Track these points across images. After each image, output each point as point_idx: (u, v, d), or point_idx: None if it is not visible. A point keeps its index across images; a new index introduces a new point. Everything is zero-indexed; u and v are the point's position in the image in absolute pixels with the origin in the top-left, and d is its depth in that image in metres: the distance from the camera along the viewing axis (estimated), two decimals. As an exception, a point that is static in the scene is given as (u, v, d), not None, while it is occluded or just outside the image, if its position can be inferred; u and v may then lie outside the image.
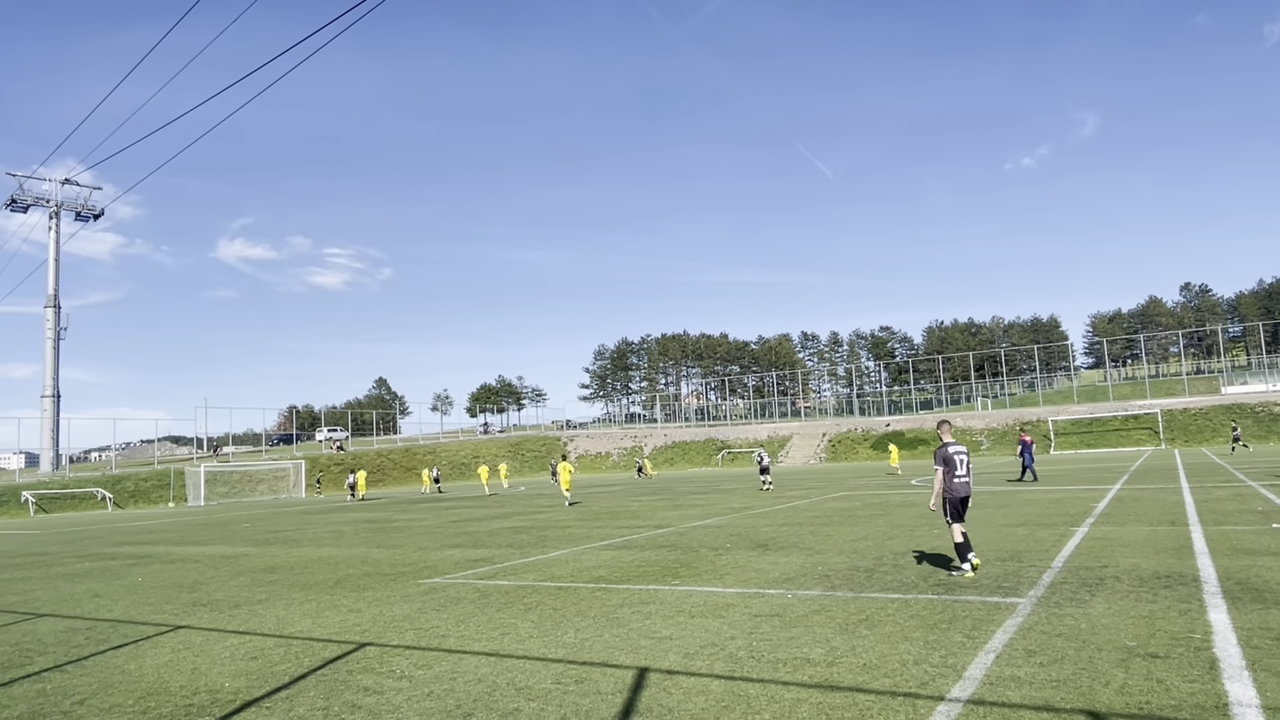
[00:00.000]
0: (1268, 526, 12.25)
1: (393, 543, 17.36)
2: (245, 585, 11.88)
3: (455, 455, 78.63)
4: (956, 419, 74.15)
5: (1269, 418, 59.29)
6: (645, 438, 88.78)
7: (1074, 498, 19.42)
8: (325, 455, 71.47)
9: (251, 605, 10.00)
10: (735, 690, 5.36)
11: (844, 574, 9.92)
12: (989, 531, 13.50)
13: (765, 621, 7.43)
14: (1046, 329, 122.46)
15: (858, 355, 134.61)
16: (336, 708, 5.43)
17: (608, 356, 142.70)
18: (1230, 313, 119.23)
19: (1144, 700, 4.76)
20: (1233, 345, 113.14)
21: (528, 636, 7.33)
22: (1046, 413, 69.79)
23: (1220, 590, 7.78)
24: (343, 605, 9.60)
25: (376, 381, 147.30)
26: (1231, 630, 6.25)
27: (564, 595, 9.45)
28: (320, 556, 15.33)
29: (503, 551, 14.47)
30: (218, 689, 6.08)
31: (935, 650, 6.11)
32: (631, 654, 6.48)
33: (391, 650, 7.05)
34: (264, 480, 61.26)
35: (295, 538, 20.19)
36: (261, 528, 24.94)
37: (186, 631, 8.48)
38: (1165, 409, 63.59)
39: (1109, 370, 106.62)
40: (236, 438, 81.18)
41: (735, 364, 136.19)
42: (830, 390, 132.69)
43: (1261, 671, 5.18)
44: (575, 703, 5.27)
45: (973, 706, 4.81)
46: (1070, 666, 5.51)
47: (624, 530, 17.31)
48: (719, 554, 12.46)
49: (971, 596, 8.12)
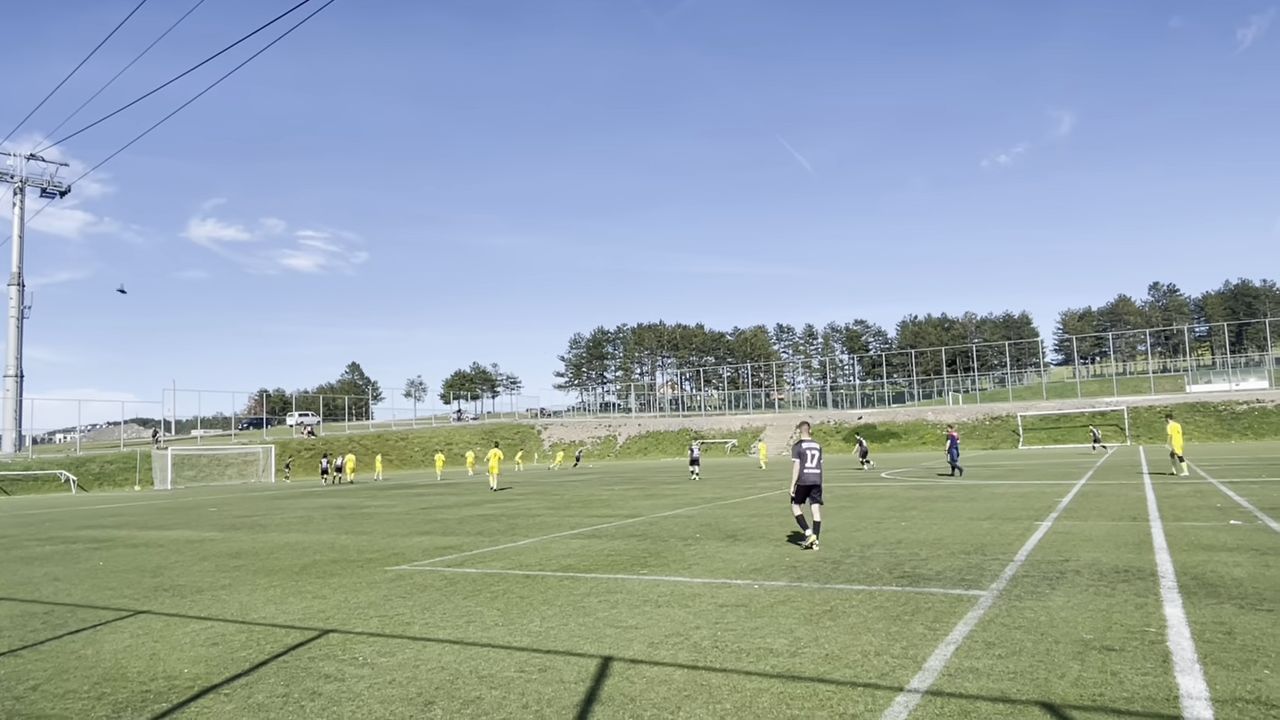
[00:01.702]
0: (1225, 523, 12.50)
1: (361, 529, 17.24)
2: (209, 570, 11.75)
3: (428, 442, 78.21)
4: (928, 413, 74.94)
5: (1231, 416, 60.51)
6: (619, 427, 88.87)
7: (1039, 492, 19.70)
8: (296, 440, 70.81)
9: (215, 591, 9.89)
10: (698, 679, 5.39)
11: (811, 565, 9.99)
12: (955, 525, 13.66)
13: (731, 611, 7.46)
14: (1018, 325, 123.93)
15: (832, 348, 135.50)
16: (296, 695, 5.38)
17: (583, 345, 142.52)
18: (1197, 313, 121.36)
19: (1098, 692, 4.84)
20: (1198, 345, 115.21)
21: (493, 624, 7.31)
22: (1016, 408, 70.73)
23: (1176, 585, 7.93)
24: (307, 591, 9.52)
25: (349, 366, 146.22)
26: (1185, 624, 6.37)
27: (531, 583, 9.44)
28: (287, 542, 15.19)
29: (472, 539, 14.42)
30: (176, 675, 6.01)
31: (897, 641, 6.17)
32: (596, 643, 6.49)
33: (355, 637, 7.00)
34: (233, 464, 60.60)
35: (263, 523, 19.99)
36: (229, 512, 24.66)
37: (147, 617, 8.37)
38: (1131, 406, 64.69)
39: (1078, 367, 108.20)
40: (205, 421, 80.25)
41: (710, 355, 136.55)
42: (804, 382, 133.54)
43: (1212, 665, 5.29)
44: (538, 691, 5.26)
45: (930, 697, 4.86)
46: (1028, 659, 5.59)
47: (595, 519, 17.32)
48: (688, 544, 12.50)
49: (934, 589, 8.21)
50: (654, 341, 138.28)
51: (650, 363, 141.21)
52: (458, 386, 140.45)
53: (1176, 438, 23.84)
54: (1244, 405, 61.43)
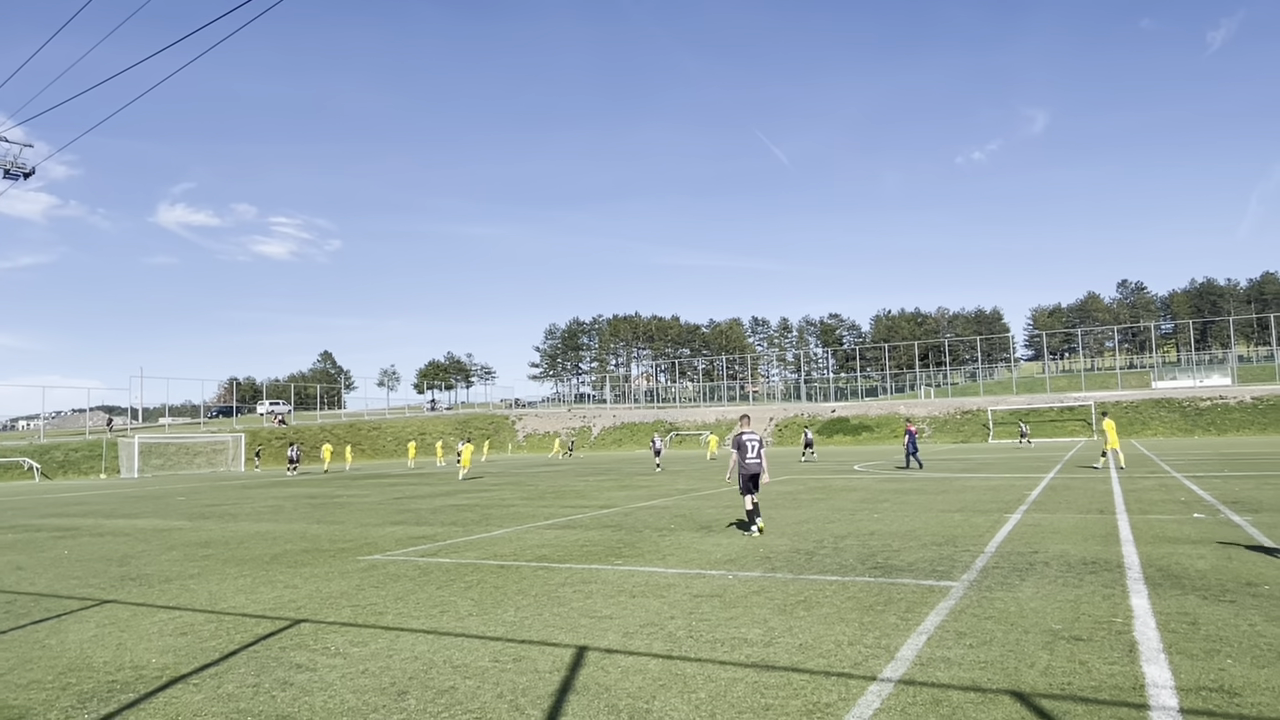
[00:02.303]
0: (1189, 516, 12.74)
1: (334, 519, 17.09)
2: (178, 560, 11.59)
3: (402, 432, 77.69)
4: (900, 407, 75.64)
5: (1195, 412, 61.67)
6: (594, 418, 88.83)
7: (1009, 485, 19.96)
8: (267, 429, 70.02)
9: (183, 580, 9.75)
10: (672, 669, 5.40)
11: (785, 556, 10.05)
12: (927, 517, 13.80)
13: (705, 602, 7.49)
14: (989, 321, 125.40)
15: (806, 342, 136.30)
16: (267, 685, 5.32)
17: (558, 336, 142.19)
18: (1163, 310, 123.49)
19: (1066, 681, 4.91)
20: (1164, 342, 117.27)
21: (467, 614, 7.28)
22: (986, 402, 71.58)
23: (1143, 576, 8.07)
24: (279, 581, 9.42)
25: (322, 355, 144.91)
26: (1151, 615, 6.48)
27: (506, 573, 9.41)
28: (258, 531, 15.02)
29: (446, 529, 14.34)
30: (143, 665, 5.92)
31: (870, 631, 6.23)
32: (571, 633, 6.48)
33: (327, 627, 6.94)
34: (201, 453, 59.81)
35: (232, 512, 19.76)
36: (197, 501, 24.34)
37: (113, 606, 8.23)
38: (1099, 401, 65.68)
39: (1047, 362, 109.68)
40: (174, 409, 79.15)
41: (686, 347, 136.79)
42: (779, 375, 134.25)
43: (1177, 654, 5.38)
44: (512, 681, 5.25)
45: (903, 686, 4.91)
46: (998, 648, 5.66)
47: (569, 510, 17.30)
48: (663, 535, 12.53)
49: (907, 579, 8.29)
50: (629, 333, 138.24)
51: (625, 354, 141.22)
52: (432, 376, 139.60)
53: (1111, 434, 25.88)
54: (1207, 401, 62.64)
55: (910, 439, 30.06)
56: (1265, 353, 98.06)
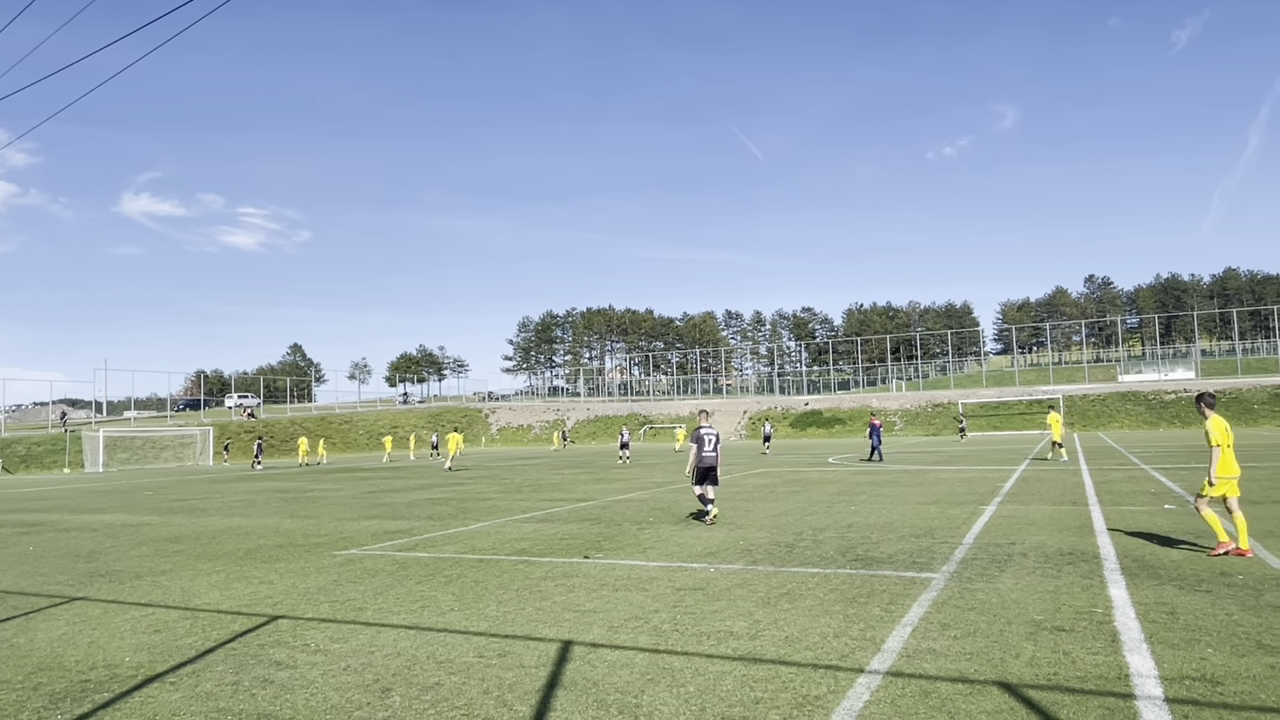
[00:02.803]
0: (1160, 507, 12.94)
1: (307, 513, 16.87)
2: (148, 555, 11.36)
3: (373, 425, 77.01)
4: (872, 400, 76.28)
5: (1160, 405, 62.81)
6: (568, 411, 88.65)
7: (982, 477, 20.18)
8: (235, 422, 69.07)
9: (154, 576, 9.55)
10: (660, 663, 5.36)
11: (765, 548, 10.05)
12: (904, 509, 13.90)
13: (689, 595, 7.46)
14: (960, 315, 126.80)
15: (779, 335, 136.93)
16: (246, 682, 5.21)
17: (532, 329, 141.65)
18: (1129, 305, 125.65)
19: (1052, 672, 4.94)
20: (1130, 336, 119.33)
21: (448, 609, 7.19)
22: (957, 395, 72.39)
23: (1119, 567, 8.17)
24: (253, 576, 9.26)
25: (291, 348, 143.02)
26: (1130, 605, 6.55)
27: (485, 568, 9.32)
28: (229, 526, 14.78)
29: (422, 523, 14.21)
30: (117, 663, 5.77)
31: (855, 623, 6.23)
32: (555, 627, 6.42)
33: (305, 623, 6.82)
34: (168, 447, 58.86)
35: (202, 507, 19.43)
36: (165, 496, 23.93)
37: (83, 603, 8.04)
38: (1067, 394, 66.69)
39: (1016, 356, 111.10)
40: (139, 402, 77.75)
41: (660, 340, 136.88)
42: (752, 369, 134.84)
43: (1159, 644, 5.44)
44: (498, 676, 5.18)
45: (891, 678, 4.91)
46: (982, 639, 5.69)
47: (546, 503, 17.22)
48: (642, 528, 12.50)
49: (888, 571, 8.33)
50: (603, 326, 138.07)
51: (599, 347, 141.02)
52: (403, 369, 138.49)
53: (1055, 427, 27.33)
54: (1172, 395, 63.80)
55: (874, 431, 30.56)
56: (1227, 347, 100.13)
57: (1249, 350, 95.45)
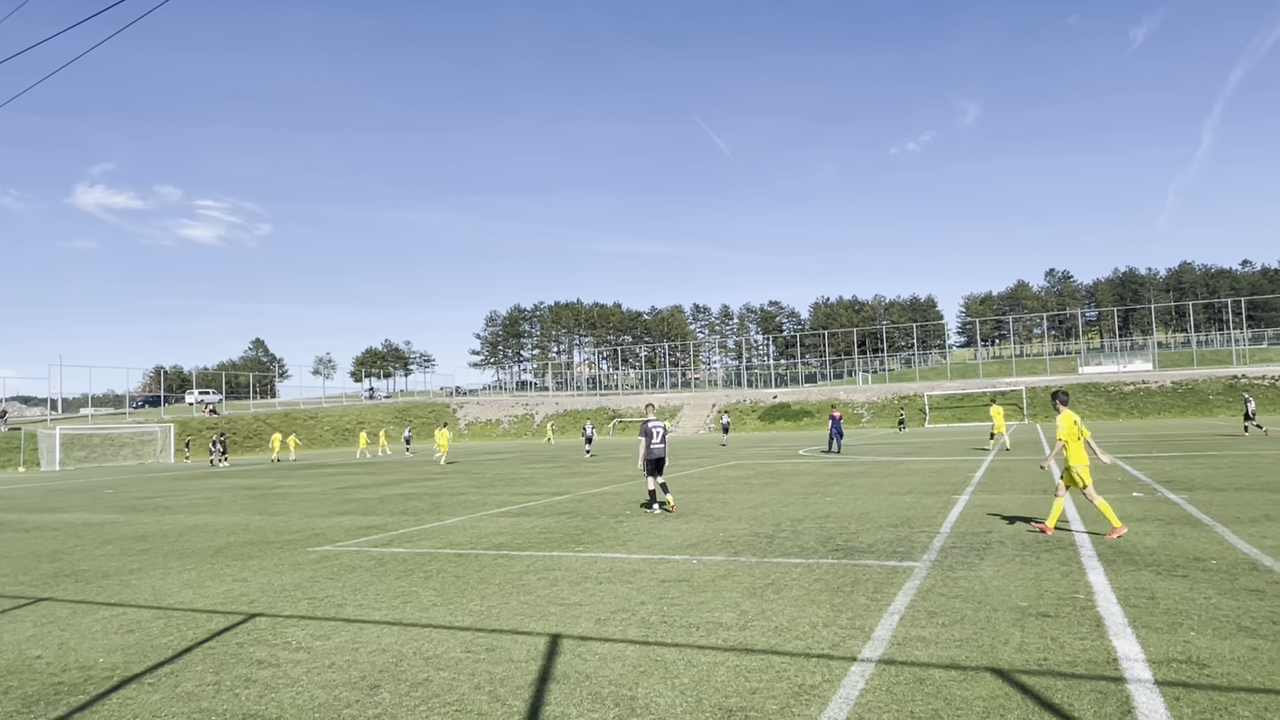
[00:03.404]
0: (1129, 495, 13.17)
1: (276, 510, 16.58)
2: (114, 554, 11.07)
3: (339, 421, 76.08)
4: (839, 393, 76.92)
5: (1119, 396, 64.14)
6: (537, 406, 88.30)
7: (953, 468, 20.42)
8: (197, 419, 67.81)
9: (123, 575, 9.31)
10: (651, 655, 5.32)
11: (746, 540, 10.06)
12: (879, 499, 14.00)
13: (674, 587, 7.43)
14: (924, 308, 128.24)
15: (747, 329, 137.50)
16: (229, 682, 5.08)
17: (499, 323, 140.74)
18: (1088, 298, 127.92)
19: (1042, 657, 4.98)
20: (1089, 328, 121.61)
21: (431, 605, 7.08)
22: (923, 388, 73.26)
23: (1095, 553, 8.29)
24: (226, 574, 9.06)
25: (253, 343, 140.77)
26: (1111, 590, 6.64)
27: (465, 562, 9.21)
28: (196, 524, 14.47)
29: (396, 519, 14.02)
30: (90, 665, 5.60)
31: (842, 613, 6.24)
32: (541, 621, 6.35)
33: (285, 621, 6.68)
34: (128, 444, 57.59)
35: (167, 504, 19.02)
36: (127, 494, 23.39)
37: (49, 604, 7.80)
38: (1029, 386, 67.82)
39: (979, 349, 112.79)
40: (97, 399, 75.96)
41: (628, 334, 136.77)
42: (720, 362, 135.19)
43: (1143, 629, 5.52)
44: (488, 671, 5.10)
45: (884, 666, 4.92)
46: (970, 627, 5.72)
47: (521, 497, 17.10)
48: (620, 521, 12.45)
49: (870, 560, 8.37)
50: (571, 320, 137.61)
51: (567, 341, 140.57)
52: (369, 364, 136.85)
53: (998, 419, 29.15)
54: (1130, 386, 65.18)
55: (834, 424, 31.12)
56: (1183, 339, 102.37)
57: (1203, 342, 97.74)
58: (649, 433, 13.25)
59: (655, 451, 13.25)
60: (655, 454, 13.25)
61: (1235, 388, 61.25)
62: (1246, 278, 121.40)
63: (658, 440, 13.27)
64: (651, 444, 13.23)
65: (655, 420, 13.55)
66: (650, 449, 13.22)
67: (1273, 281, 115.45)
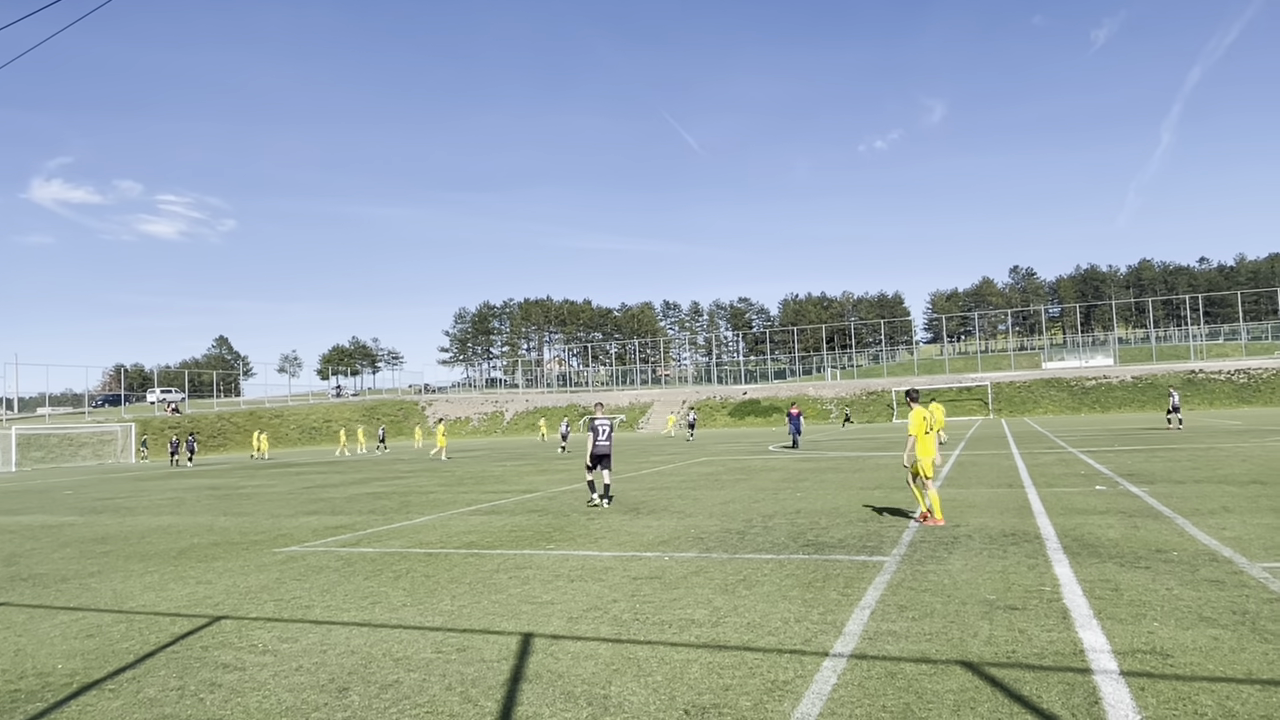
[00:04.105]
0: (1091, 488, 13.40)
1: (241, 510, 16.31)
2: (73, 557, 10.82)
3: (305, 419, 75.11)
4: (809, 389, 77.47)
5: (1081, 391, 65.31)
6: (506, 403, 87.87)
7: (920, 463, 20.61)
8: (159, 418, 66.57)
9: (82, 579, 9.09)
10: (624, 653, 5.30)
11: (717, 536, 10.08)
12: (848, 494, 14.11)
13: (646, 584, 7.41)
14: (891, 305, 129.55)
15: (717, 325, 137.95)
16: (193, 686, 4.97)
17: (469, 320, 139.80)
18: (1051, 295, 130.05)
19: (1010, 650, 5.04)
20: (1052, 324, 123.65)
21: (400, 605, 7.00)
22: (890, 383, 74.03)
23: (1061, 546, 8.41)
24: (190, 576, 8.89)
25: (217, 340, 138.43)
26: (1076, 583, 6.74)
27: (435, 562, 9.12)
28: (159, 525, 14.20)
29: (364, 518, 13.86)
30: (49, 671, 5.45)
31: (814, 608, 6.27)
32: (513, 620, 6.30)
33: (251, 623, 6.56)
34: (87, 444, 56.42)
35: (128, 505, 18.64)
36: (87, 495, 22.89)
37: (4, 609, 7.60)
38: (994, 382, 68.81)
39: (945, 345, 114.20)
40: (54, 398, 74.31)
41: (598, 331, 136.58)
42: (690, 359, 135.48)
43: (1108, 620, 5.60)
44: (459, 671, 5.05)
45: (856, 661, 4.94)
46: (940, 620, 5.77)
47: (491, 495, 16.99)
48: (591, 518, 12.41)
49: (840, 555, 8.42)
50: (541, 317, 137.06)
51: (537, 338, 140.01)
52: (336, 362, 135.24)
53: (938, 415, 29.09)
54: (1092, 381, 66.41)
55: (792, 420, 31.73)
56: (1142, 335, 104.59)
57: (1162, 338, 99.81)
58: (595, 430, 14.07)
59: (600, 448, 14.02)
60: (599, 450, 14.02)
61: (1193, 382, 62.67)
62: (1203, 275, 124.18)
63: (602, 438, 14.04)
64: (596, 441, 14.02)
65: (602, 418, 14.27)
66: (595, 445, 14.01)
67: (1228, 278, 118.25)
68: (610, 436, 14.23)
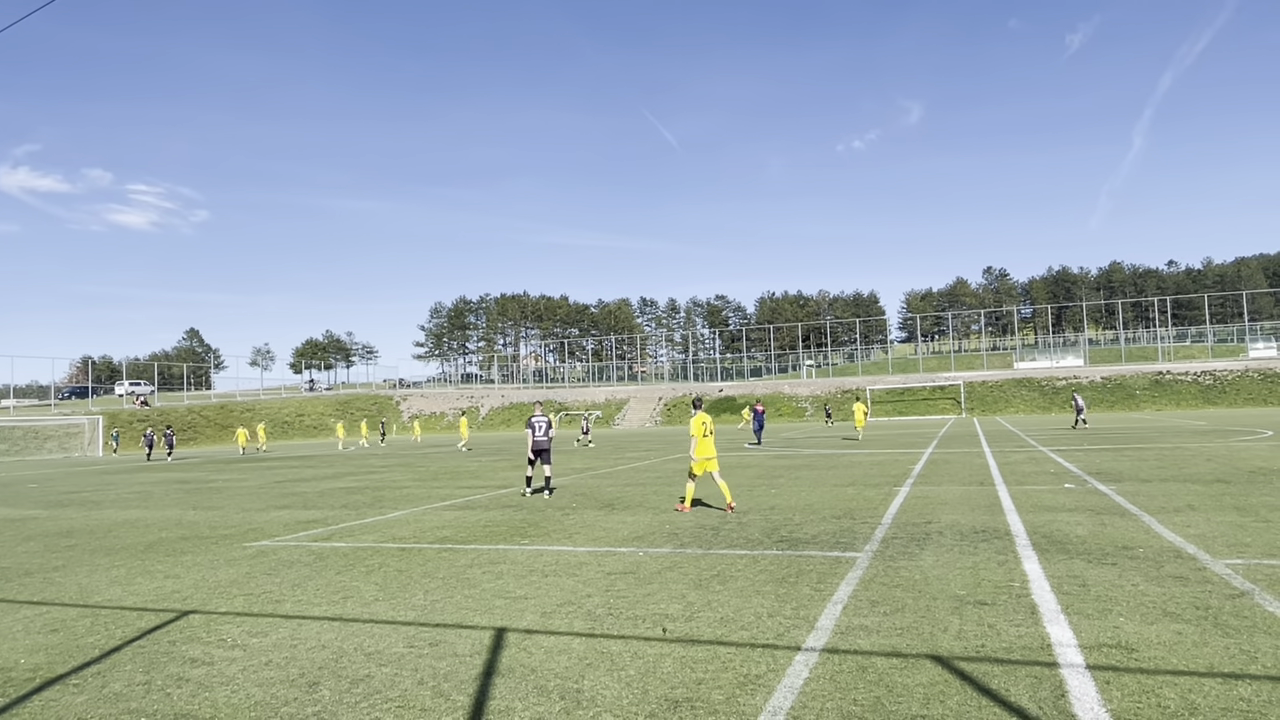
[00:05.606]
0: (1060, 486, 13.59)
1: (211, 504, 16.11)
2: (37, 551, 10.63)
3: (278, 413, 74.32)
4: (784, 386, 77.84)
5: (1052, 391, 66.16)
6: (482, 398, 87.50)
7: (893, 460, 20.82)
8: (127, 411, 65.56)
9: (46, 573, 8.94)
10: (597, 647, 5.30)
11: (691, 532, 10.10)
12: (822, 491, 14.20)
13: (620, 579, 7.42)
14: (867, 304, 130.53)
15: (693, 322, 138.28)
16: (160, 681, 4.90)
17: (444, 315, 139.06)
18: (1024, 295, 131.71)
19: (980, 644, 5.10)
20: (1024, 325, 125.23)
21: (373, 599, 6.95)
22: (864, 382, 74.60)
23: (1030, 543, 8.51)
24: (157, 571, 8.77)
25: (188, 332, 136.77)
26: (1044, 579, 6.83)
27: (408, 556, 9.07)
28: (126, 519, 13.99)
29: (337, 513, 13.75)
30: (10, 667, 5.36)
31: (787, 603, 6.30)
32: (486, 614, 6.28)
33: (219, 618, 6.48)
34: (53, 437, 55.48)
35: (95, 499, 18.35)
36: (52, 488, 22.50)
37: (-34, 603, 7.45)
38: (967, 381, 69.53)
39: (919, 344, 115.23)
40: (19, 390, 72.96)
41: (574, 327, 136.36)
42: (666, 356, 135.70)
43: (1075, 615, 5.68)
44: (431, 666, 5.02)
45: (828, 655, 4.97)
46: (911, 615, 5.83)
47: (465, 490, 16.92)
48: (566, 514, 12.39)
49: (813, 551, 8.47)
50: (517, 312, 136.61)
51: (514, 334, 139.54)
52: (309, 355, 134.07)
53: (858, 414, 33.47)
54: (1063, 381, 67.29)
55: (756, 417, 32.09)
56: (1112, 336, 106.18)
57: (1131, 340, 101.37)
58: (532, 426, 14.97)
59: (539, 444, 14.88)
60: (539, 445, 14.88)
61: (1161, 383, 63.73)
62: (1172, 278, 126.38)
63: (540, 434, 14.90)
64: (535, 437, 14.88)
65: (539, 416, 15.14)
66: (534, 441, 14.88)
67: (1196, 281, 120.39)
68: (548, 433, 14.99)
